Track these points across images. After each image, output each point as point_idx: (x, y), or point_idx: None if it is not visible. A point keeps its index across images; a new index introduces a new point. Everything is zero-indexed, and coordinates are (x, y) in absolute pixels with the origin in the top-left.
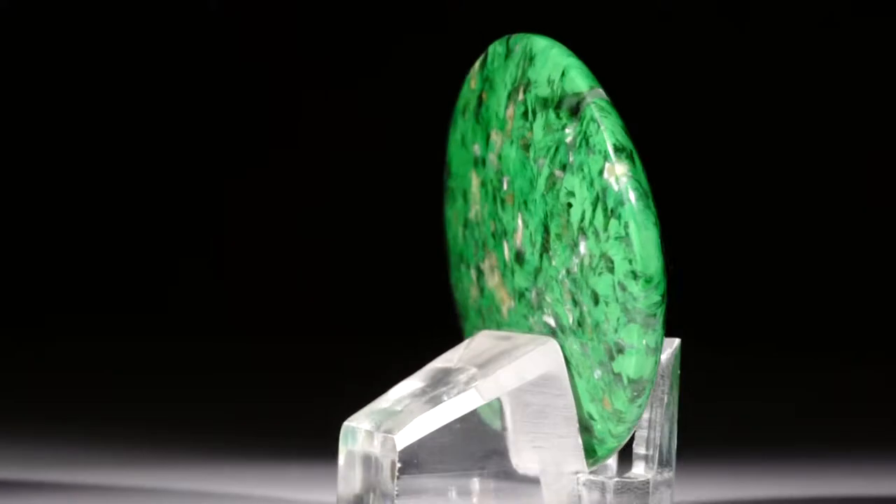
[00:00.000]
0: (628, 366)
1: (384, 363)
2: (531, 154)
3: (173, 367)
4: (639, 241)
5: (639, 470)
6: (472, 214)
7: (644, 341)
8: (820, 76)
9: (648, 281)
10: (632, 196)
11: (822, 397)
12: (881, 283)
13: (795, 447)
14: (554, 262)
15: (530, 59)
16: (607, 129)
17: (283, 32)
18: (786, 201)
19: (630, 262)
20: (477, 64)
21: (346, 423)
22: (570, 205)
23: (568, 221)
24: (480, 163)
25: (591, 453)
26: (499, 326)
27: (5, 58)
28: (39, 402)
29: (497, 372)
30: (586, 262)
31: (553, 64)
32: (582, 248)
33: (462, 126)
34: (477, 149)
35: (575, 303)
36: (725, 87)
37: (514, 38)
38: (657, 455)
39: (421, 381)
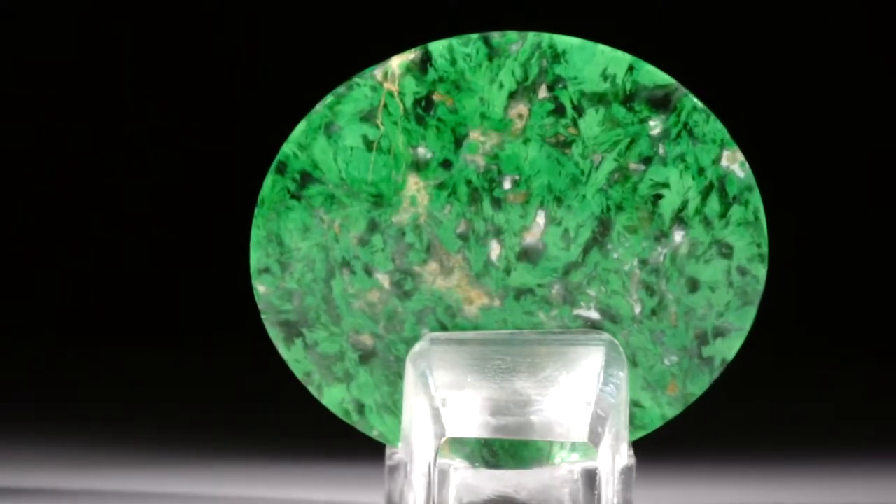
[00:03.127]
0: (728, 348)
1: None
2: (575, 150)
3: (170, 368)
4: (766, 225)
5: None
6: (398, 218)
7: (751, 323)
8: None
9: (769, 264)
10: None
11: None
12: None
13: (832, 449)
14: (616, 255)
15: (553, 56)
16: (717, 119)
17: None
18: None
19: (759, 245)
20: (396, 66)
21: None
22: (658, 196)
23: (654, 213)
24: (436, 165)
25: None
26: (449, 328)
27: (5, 57)
28: (38, 404)
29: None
30: (683, 250)
31: (608, 59)
32: (677, 237)
33: (368, 130)
34: (423, 151)
35: (651, 292)
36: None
37: (501, 37)
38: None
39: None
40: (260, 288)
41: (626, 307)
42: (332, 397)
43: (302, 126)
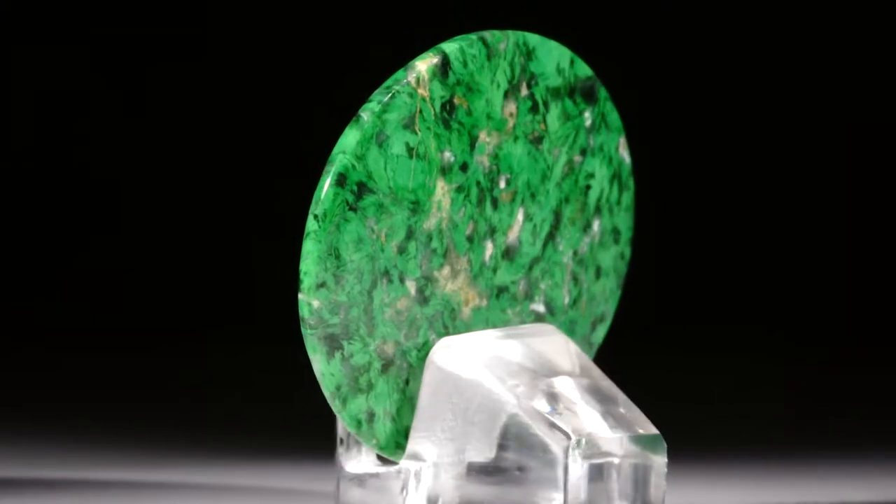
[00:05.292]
0: (602, 333)
1: None
2: (544, 146)
3: (167, 368)
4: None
5: None
6: (428, 224)
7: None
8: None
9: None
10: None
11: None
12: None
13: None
14: (560, 247)
15: (527, 53)
16: (616, 107)
17: None
18: (789, 196)
19: (631, 230)
20: (425, 71)
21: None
22: (588, 186)
23: (584, 203)
24: (457, 168)
25: None
26: (450, 331)
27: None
28: (40, 403)
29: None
30: (597, 238)
31: (559, 54)
32: (595, 225)
33: (409, 138)
34: (448, 155)
35: (576, 282)
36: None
37: (492, 37)
38: None
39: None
40: (314, 303)
41: (560, 299)
42: (353, 409)
43: (356, 136)
